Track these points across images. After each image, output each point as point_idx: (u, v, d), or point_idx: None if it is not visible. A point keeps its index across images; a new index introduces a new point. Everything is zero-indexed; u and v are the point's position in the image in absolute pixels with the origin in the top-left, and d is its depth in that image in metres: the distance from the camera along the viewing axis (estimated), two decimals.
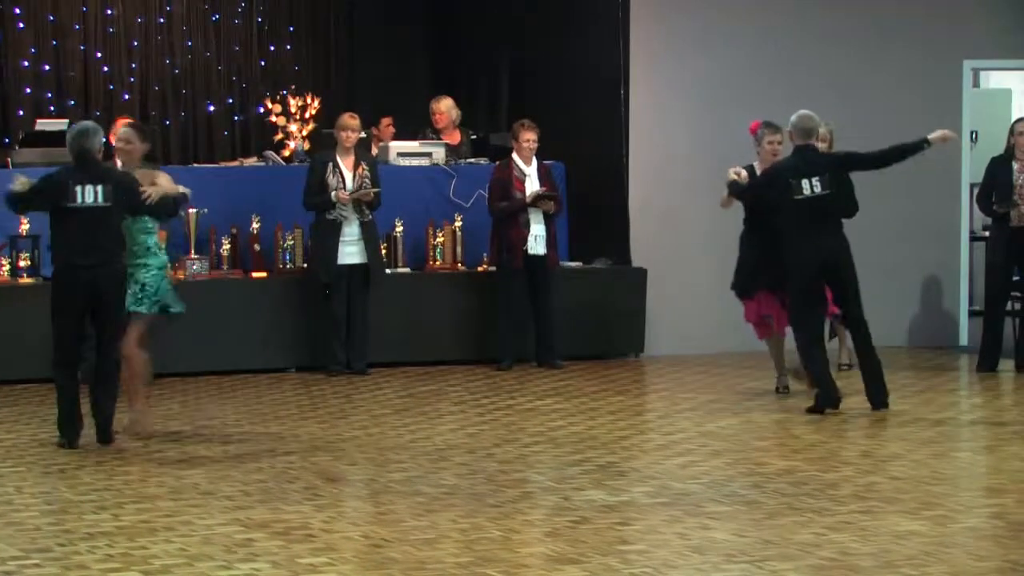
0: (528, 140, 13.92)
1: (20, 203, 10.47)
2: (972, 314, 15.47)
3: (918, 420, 11.46)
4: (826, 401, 11.52)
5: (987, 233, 14.28)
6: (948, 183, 15.39)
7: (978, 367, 13.74)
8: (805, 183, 11.38)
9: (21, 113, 16.68)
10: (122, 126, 11.16)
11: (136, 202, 10.54)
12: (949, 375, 14.00)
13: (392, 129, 15.50)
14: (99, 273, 10.26)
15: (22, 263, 13.40)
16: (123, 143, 10.89)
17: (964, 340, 15.41)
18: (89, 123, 10.77)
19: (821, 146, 13.47)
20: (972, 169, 15.27)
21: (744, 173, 11.99)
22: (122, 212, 10.41)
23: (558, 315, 14.09)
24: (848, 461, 10.00)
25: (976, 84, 16.82)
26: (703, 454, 10.21)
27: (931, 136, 11.48)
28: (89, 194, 10.16)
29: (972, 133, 15.73)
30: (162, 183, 10.61)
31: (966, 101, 15.46)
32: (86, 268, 10.19)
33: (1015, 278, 13.66)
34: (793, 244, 11.45)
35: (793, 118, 11.61)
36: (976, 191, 14.06)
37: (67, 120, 15.31)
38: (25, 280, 13.35)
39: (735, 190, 11.92)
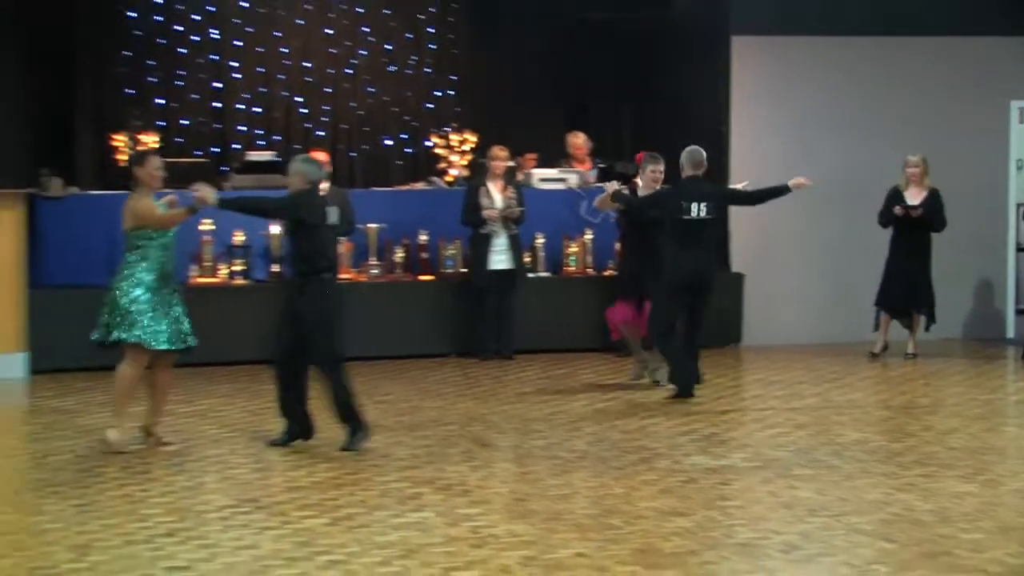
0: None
1: (292, 210, 9.37)
2: (1018, 312, 15.24)
3: (972, 400, 11.29)
4: (684, 390, 11.23)
5: None
6: (997, 204, 15.14)
7: (1022, 356, 13.49)
8: (695, 206, 11.15)
9: (237, 146, 16.89)
10: (155, 156, 9.53)
11: (346, 226, 10.43)
12: (997, 363, 13.76)
13: (534, 162, 15.52)
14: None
15: (236, 267, 13.55)
16: (161, 171, 9.41)
17: (1010, 333, 15.15)
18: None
19: (915, 171, 13.38)
20: (1017, 192, 15.06)
21: (616, 186, 11.82)
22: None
23: None
24: (912, 433, 9.87)
25: (1022, 121, 16.53)
26: (790, 426, 10.13)
27: (790, 182, 11.31)
28: (332, 214, 9.40)
29: (1018, 161, 15.48)
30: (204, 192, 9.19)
31: (1013, 134, 15.25)
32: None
33: None
34: (672, 256, 11.19)
35: (685, 152, 11.39)
36: (1022, 210, 13.80)
37: (273, 152, 15.50)
38: (239, 282, 13.49)
39: (623, 200, 11.66)
